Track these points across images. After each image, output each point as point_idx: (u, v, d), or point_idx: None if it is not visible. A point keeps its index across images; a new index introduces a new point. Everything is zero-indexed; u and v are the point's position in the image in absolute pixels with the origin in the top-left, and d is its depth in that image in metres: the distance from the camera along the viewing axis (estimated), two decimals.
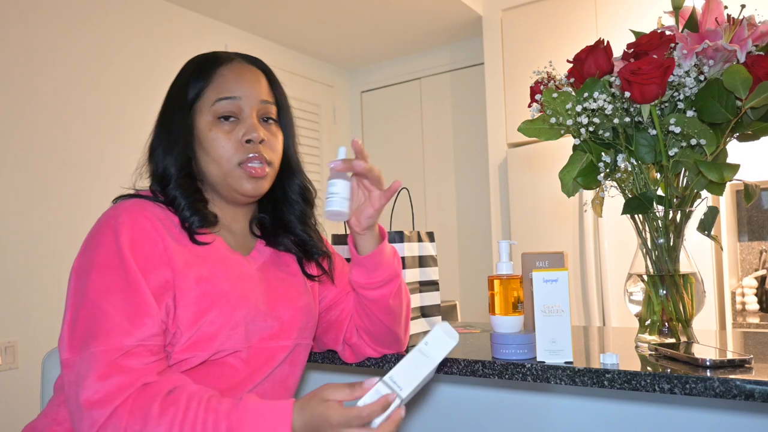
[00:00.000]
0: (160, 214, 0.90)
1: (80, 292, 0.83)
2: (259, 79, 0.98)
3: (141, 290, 0.82)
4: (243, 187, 0.94)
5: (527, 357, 0.97)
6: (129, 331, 0.80)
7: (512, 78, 2.97)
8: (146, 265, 0.84)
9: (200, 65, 0.98)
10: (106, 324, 0.79)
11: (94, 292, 0.81)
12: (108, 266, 0.82)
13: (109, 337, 0.79)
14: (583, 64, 1.01)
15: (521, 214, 2.80)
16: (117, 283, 0.82)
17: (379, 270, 0.97)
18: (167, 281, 0.85)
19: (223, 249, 0.94)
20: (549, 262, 1.16)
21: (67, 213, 2.31)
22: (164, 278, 0.85)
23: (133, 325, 0.80)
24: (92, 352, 0.78)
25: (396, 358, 1.08)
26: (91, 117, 2.44)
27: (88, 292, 0.82)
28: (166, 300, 0.84)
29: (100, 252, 0.84)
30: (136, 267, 0.83)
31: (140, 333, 0.80)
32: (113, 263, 0.82)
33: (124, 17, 2.60)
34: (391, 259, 0.99)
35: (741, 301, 2.59)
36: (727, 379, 0.79)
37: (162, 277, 0.85)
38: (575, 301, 2.61)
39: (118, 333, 0.79)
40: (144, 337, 0.81)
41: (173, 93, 0.98)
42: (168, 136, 0.95)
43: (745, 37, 0.95)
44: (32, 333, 2.18)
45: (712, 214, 1.04)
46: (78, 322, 0.81)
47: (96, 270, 0.83)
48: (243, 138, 0.93)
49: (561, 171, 1.05)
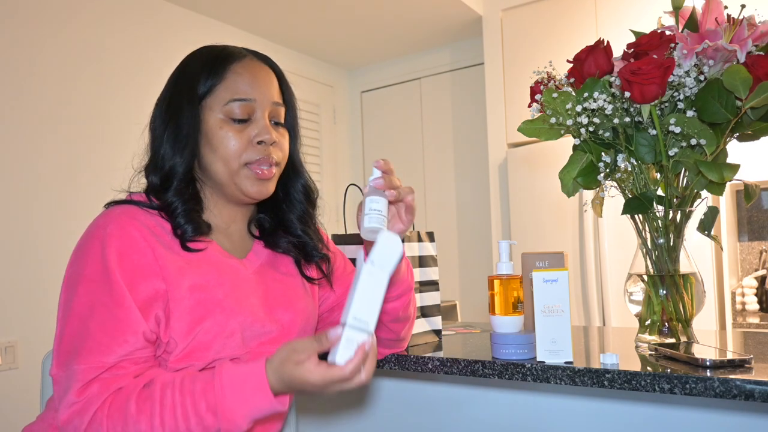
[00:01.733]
0: (150, 222, 0.88)
1: (67, 306, 0.83)
2: (272, 80, 0.97)
3: (125, 305, 0.82)
4: (248, 188, 0.93)
5: (527, 357, 0.97)
6: (111, 349, 0.80)
7: (512, 78, 2.97)
8: (133, 278, 0.83)
9: (212, 60, 0.95)
10: (88, 343, 0.80)
11: (79, 308, 0.82)
12: (93, 280, 0.83)
13: (91, 356, 0.80)
14: (583, 64, 1.01)
15: (521, 214, 2.80)
16: (101, 298, 0.82)
17: (393, 286, 0.96)
18: (157, 292, 0.84)
19: (217, 254, 0.92)
20: (549, 262, 1.16)
21: (66, 212, 2.31)
22: (153, 289, 0.84)
23: (115, 342, 0.80)
24: (74, 370, 0.79)
25: (396, 357, 1.08)
26: (91, 116, 2.44)
27: (74, 307, 0.82)
28: (155, 311, 0.84)
29: (87, 265, 0.84)
30: (122, 280, 0.82)
31: (122, 350, 0.81)
32: (99, 277, 0.82)
33: (122, 17, 2.60)
34: (406, 275, 0.99)
35: (741, 301, 2.59)
36: (727, 379, 0.79)
37: (151, 288, 0.84)
38: (575, 301, 2.61)
39: (99, 352, 0.80)
40: (126, 353, 0.81)
41: (181, 86, 0.95)
42: (177, 134, 0.92)
43: (745, 37, 0.95)
44: (32, 333, 2.18)
45: (712, 214, 1.04)
46: (63, 338, 0.82)
47: (82, 284, 0.83)
48: (255, 139, 0.92)
49: (561, 171, 1.05)
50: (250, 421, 0.77)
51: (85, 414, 0.77)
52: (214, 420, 0.76)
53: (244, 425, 0.77)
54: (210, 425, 0.76)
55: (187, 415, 0.76)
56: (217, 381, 0.77)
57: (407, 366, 1.07)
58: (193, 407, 0.76)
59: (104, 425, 0.76)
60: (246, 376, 0.78)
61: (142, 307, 0.83)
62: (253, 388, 0.77)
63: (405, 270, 0.98)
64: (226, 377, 0.78)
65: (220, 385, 0.77)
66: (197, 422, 0.76)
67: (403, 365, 1.07)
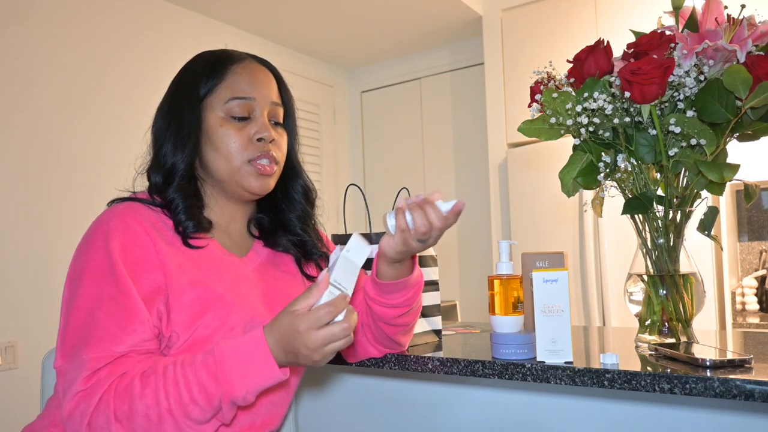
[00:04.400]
0: (152, 218, 0.89)
1: (72, 299, 0.83)
2: (270, 81, 1.00)
3: (131, 296, 0.82)
4: (251, 184, 0.94)
5: (527, 357, 0.97)
6: (120, 338, 0.81)
7: (512, 78, 2.97)
8: (137, 270, 0.84)
9: (213, 62, 0.97)
10: (96, 332, 0.80)
11: (85, 300, 0.82)
12: (98, 272, 0.83)
13: (101, 345, 0.80)
14: (583, 64, 1.01)
15: (521, 214, 2.80)
16: (107, 289, 0.82)
17: (393, 295, 0.95)
18: (158, 286, 0.85)
19: (217, 252, 0.94)
20: (549, 262, 1.16)
21: (67, 213, 2.31)
22: (155, 283, 0.85)
23: (124, 332, 0.81)
24: (83, 359, 0.79)
25: (396, 357, 1.08)
26: (91, 117, 2.44)
27: (79, 300, 0.82)
28: (157, 305, 0.85)
29: (92, 258, 0.84)
30: (126, 272, 0.83)
31: (131, 339, 0.81)
32: (104, 269, 0.83)
33: (123, 17, 2.59)
34: (410, 289, 0.96)
35: (741, 301, 2.59)
36: (727, 379, 0.79)
37: (153, 281, 0.85)
38: (575, 301, 2.61)
39: (109, 341, 0.80)
40: (135, 342, 0.82)
41: (182, 87, 0.97)
42: (178, 132, 0.94)
43: (745, 37, 0.95)
44: (32, 333, 2.18)
45: (712, 214, 1.04)
46: (69, 331, 0.82)
47: (87, 277, 0.83)
48: (255, 136, 0.94)
49: (561, 171, 1.05)
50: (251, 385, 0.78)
51: (92, 397, 0.77)
52: (216, 386, 0.77)
53: (243, 388, 0.77)
54: (213, 392, 0.77)
55: (189, 384, 0.77)
56: (217, 349, 0.79)
57: (407, 366, 1.07)
58: (194, 376, 0.77)
59: (111, 406, 0.77)
60: (244, 341, 0.79)
61: (146, 299, 0.84)
62: (251, 348, 0.78)
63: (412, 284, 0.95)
64: (226, 345, 0.79)
65: (220, 352, 0.78)
66: (200, 390, 0.77)
67: (403, 365, 1.07)
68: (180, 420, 0.77)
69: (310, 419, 1.35)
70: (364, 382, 1.28)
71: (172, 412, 0.76)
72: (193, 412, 0.77)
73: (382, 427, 1.25)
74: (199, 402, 0.77)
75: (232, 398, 0.77)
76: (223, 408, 0.78)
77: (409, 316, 1.00)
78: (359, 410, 1.29)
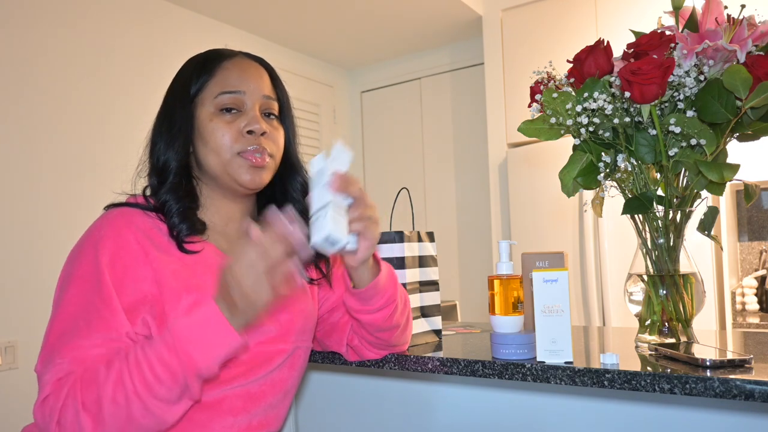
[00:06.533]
0: (146, 225, 0.89)
1: (57, 304, 0.85)
2: (262, 75, 0.99)
3: (111, 305, 0.83)
4: (242, 177, 0.93)
5: (527, 357, 0.97)
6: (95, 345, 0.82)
7: (512, 78, 2.97)
8: (123, 281, 0.84)
9: (203, 61, 0.98)
10: (73, 339, 0.81)
11: (68, 306, 0.83)
12: (85, 280, 0.84)
13: (75, 351, 0.81)
14: (583, 64, 1.01)
15: (521, 214, 2.80)
16: (91, 297, 0.83)
17: (373, 299, 0.94)
18: (146, 296, 0.85)
19: (214, 255, 0.93)
20: (549, 262, 1.16)
21: (66, 213, 2.31)
22: (142, 293, 0.85)
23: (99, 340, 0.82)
24: (55, 363, 0.81)
25: (396, 357, 1.08)
26: (91, 117, 2.44)
27: (64, 305, 0.84)
28: (142, 314, 0.85)
29: (81, 266, 0.86)
30: (112, 282, 0.84)
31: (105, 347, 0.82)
32: (90, 277, 0.84)
33: (123, 17, 2.59)
34: (387, 286, 0.95)
35: (741, 301, 2.59)
36: (727, 379, 0.79)
37: (140, 291, 0.85)
38: (575, 301, 2.61)
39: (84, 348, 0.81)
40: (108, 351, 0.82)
41: (175, 88, 0.98)
42: (170, 129, 0.95)
43: (745, 37, 0.95)
44: (32, 333, 2.18)
45: (712, 214, 1.04)
46: (50, 335, 0.83)
47: (73, 283, 0.85)
48: (244, 129, 0.93)
49: (561, 171, 1.04)
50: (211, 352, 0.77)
51: (60, 393, 0.78)
52: (177, 360, 0.76)
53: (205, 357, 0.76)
54: (175, 368, 0.76)
55: (151, 363, 0.76)
56: (172, 325, 0.78)
57: (407, 366, 1.07)
58: (155, 355, 0.77)
59: (78, 396, 0.77)
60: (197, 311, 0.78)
61: (129, 309, 0.84)
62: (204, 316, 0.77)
63: (385, 282, 0.94)
64: (181, 319, 0.78)
65: (175, 327, 0.78)
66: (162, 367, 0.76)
67: (403, 365, 1.07)
68: (147, 401, 0.76)
69: (310, 419, 1.35)
70: (364, 382, 1.28)
71: (139, 394, 0.76)
72: (159, 391, 0.76)
73: (382, 427, 1.25)
74: (164, 380, 0.76)
75: (196, 370, 0.76)
76: (189, 383, 0.77)
77: (398, 313, 0.98)
78: (359, 410, 1.29)
